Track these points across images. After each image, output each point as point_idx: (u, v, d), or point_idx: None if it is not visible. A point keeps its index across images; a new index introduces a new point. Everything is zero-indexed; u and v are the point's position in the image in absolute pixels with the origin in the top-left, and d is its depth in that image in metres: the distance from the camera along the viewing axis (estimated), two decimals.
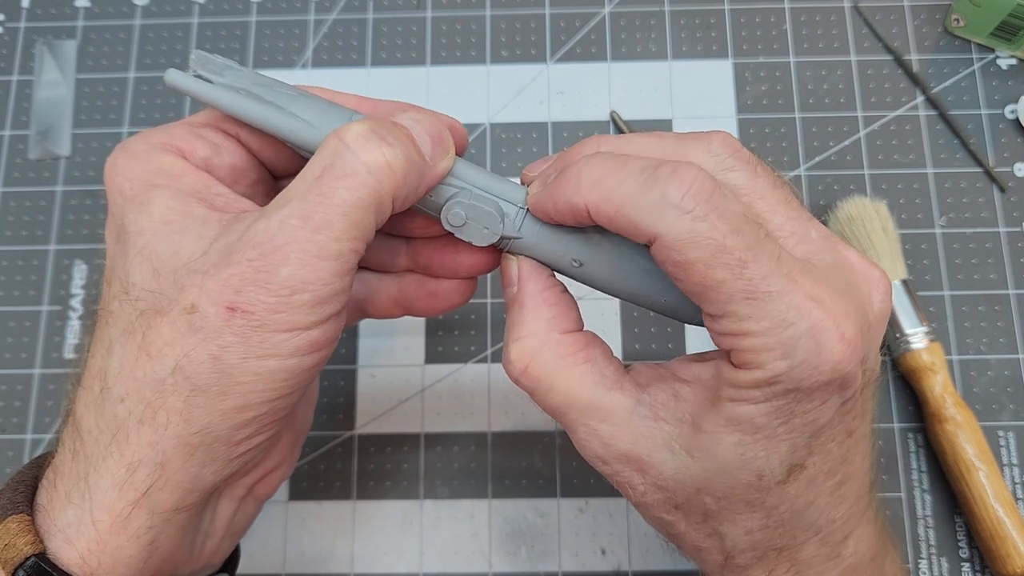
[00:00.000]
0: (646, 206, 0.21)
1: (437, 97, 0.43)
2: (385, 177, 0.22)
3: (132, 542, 0.22)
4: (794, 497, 0.23)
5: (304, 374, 0.23)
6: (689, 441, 0.23)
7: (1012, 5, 0.39)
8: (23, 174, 0.42)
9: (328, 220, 0.21)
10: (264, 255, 0.21)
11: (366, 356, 0.40)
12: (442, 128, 0.25)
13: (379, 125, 0.23)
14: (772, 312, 0.21)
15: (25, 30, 0.44)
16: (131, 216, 0.24)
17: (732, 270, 0.21)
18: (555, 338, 0.24)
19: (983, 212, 0.40)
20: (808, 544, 0.24)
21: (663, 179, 0.21)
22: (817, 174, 0.41)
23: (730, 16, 0.44)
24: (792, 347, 0.21)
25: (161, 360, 0.22)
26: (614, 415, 0.24)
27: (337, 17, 0.44)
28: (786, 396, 0.21)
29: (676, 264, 0.21)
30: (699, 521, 0.24)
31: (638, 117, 0.42)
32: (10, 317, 0.40)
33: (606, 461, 0.24)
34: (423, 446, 0.38)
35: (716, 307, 0.21)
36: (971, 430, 0.35)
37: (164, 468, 0.22)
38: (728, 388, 0.22)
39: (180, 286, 0.22)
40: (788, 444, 0.22)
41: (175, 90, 0.25)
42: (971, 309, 0.39)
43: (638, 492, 0.24)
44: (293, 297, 0.21)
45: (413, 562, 0.37)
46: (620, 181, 0.22)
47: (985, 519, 0.34)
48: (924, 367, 0.36)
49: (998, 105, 0.41)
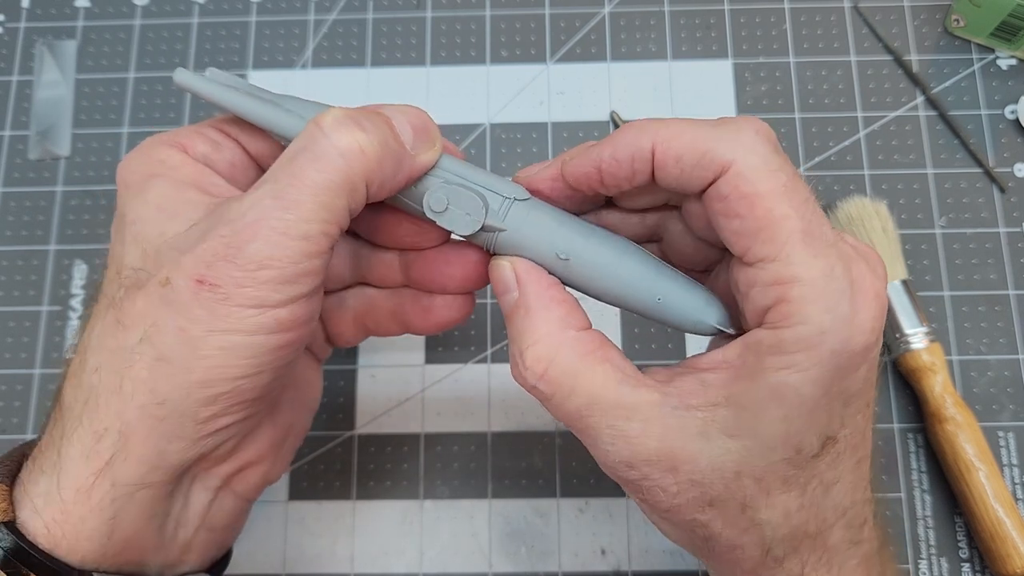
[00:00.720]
0: (721, 138, 0.22)
1: (437, 97, 0.43)
2: (357, 161, 0.22)
3: (94, 514, 0.23)
4: (823, 472, 0.23)
5: (271, 354, 0.23)
6: (728, 423, 0.22)
7: (1012, 5, 0.39)
8: (23, 174, 0.42)
9: (298, 200, 0.22)
10: (236, 232, 0.22)
11: (366, 356, 0.40)
12: (427, 121, 0.25)
13: (357, 112, 0.23)
14: (824, 259, 0.21)
15: (25, 30, 0.44)
16: (130, 205, 0.25)
17: (797, 208, 0.21)
18: (572, 336, 0.24)
19: (983, 212, 0.40)
20: (836, 528, 0.23)
21: (733, 121, 0.22)
22: (817, 174, 0.41)
23: (730, 16, 0.44)
24: (836, 300, 0.21)
25: (131, 330, 0.23)
26: (641, 411, 0.23)
27: (337, 17, 0.44)
28: (830, 360, 0.21)
29: (742, 195, 0.21)
30: (736, 513, 0.23)
31: (638, 117, 0.42)
32: (10, 317, 0.40)
33: (632, 465, 0.23)
34: (423, 446, 0.38)
35: (772, 247, 0.21)
36: (971, 430, 0.35)
37: (128, 438, 0.22)
38: (771, 357, 0.21)
39: (160, 262, 0.23)
40: (826, 414, 0.22)
41: (182, 88, 0.26)
42: (971, 309, 0.39)
43: (670, 493, 0.23)
44: (259, 272, 0.22)
45: (413, 562, 0.37)
46: (690, 123, 0.23)
47: (985, 519, 0.34)
48: (924, 367, 0.36)
49: (998, 105, 0.41)
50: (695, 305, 0.24)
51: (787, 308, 0.21)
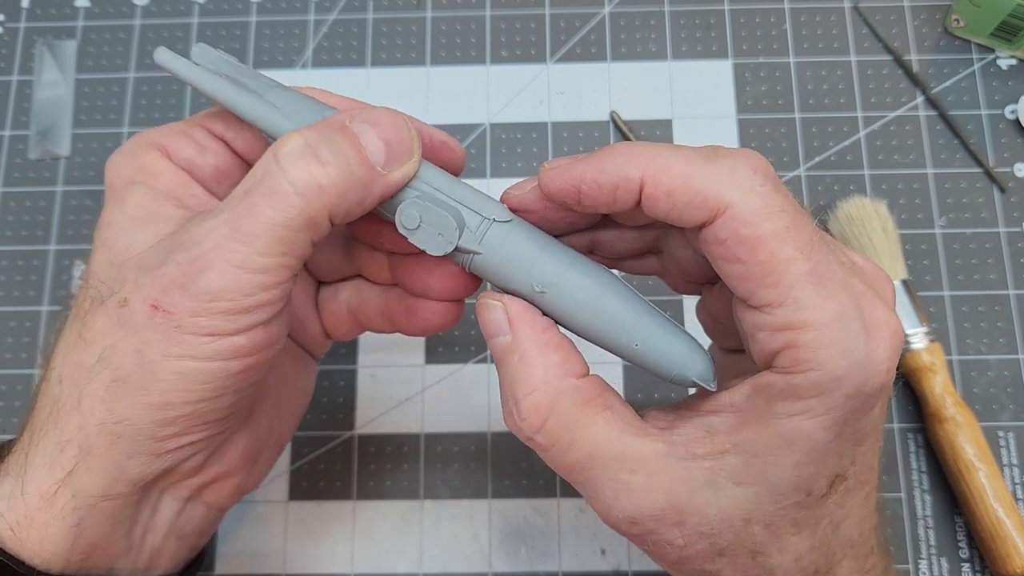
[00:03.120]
0: (715, 176, 0.20)
1: (437, 97, 0.43)
2: (314, 198, 0.21)
3: (58, 521, 0.23)
4: (833, 511, 0.22)
5: (230, 379, 0.23)
6: (737, 470, 0.21)
7: (1012, 5, 0.39)
8: (23, 174, 0.42)
9: (254, 233, 0.21)
10: (191, 259, 0.21)
11: (366, 356, 0.40)
12: (403, 132, 0.23)
13: (318, 138, 0.22)
14: (835, 300, 0.20)
15: (25, 30, 0.44)
16: (108, 208, 0.25)
17: (802, 249, 0.20)
18: (571, 385, 0.22)
19: (983, 212, 0.40)
20: (844, 562, 0.23)
21: (729, 155, 0.21)
22: (817, 174, 0.41)
23: (730, 16, 0.44)
24: (851, 344, 0.20)
25: (92, 347, 0.23)
26: (646, 464, 0.21)
27: (337, 17, 0.44)
28: (844, 404, 0.20)
29: (742, 240, 0.20)
30: (747, 561, 0.22)
31: (638, 117, 0.42)
32: (10, 317, 0.40)
33: (637, 521, 0.22)
34: (423, 446, 0.38)
35: (778, 292, 0.20)
36: (971, 430, 0.35)
37: (88, 453, 0.23)
38: (783, 402, 0.20)
39: (121, 279, 0.23)
40: (837, 456, 0.21)
41: (163, 68, 0.25)
42: (971, 309, 0.39)
43: (677, 547, 0.22)
44: (212, 304, 0.21)
45: (413, 562, 0.37)
46: (682, 155, 0.21)
47: (985, 519, 0.34)
48: (924, 367, 0.36)
49: (998, 105, 0.41)
50: (676, 354, 0.23)
51: (799, 354, 0.20)
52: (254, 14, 0.45)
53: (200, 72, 0.25)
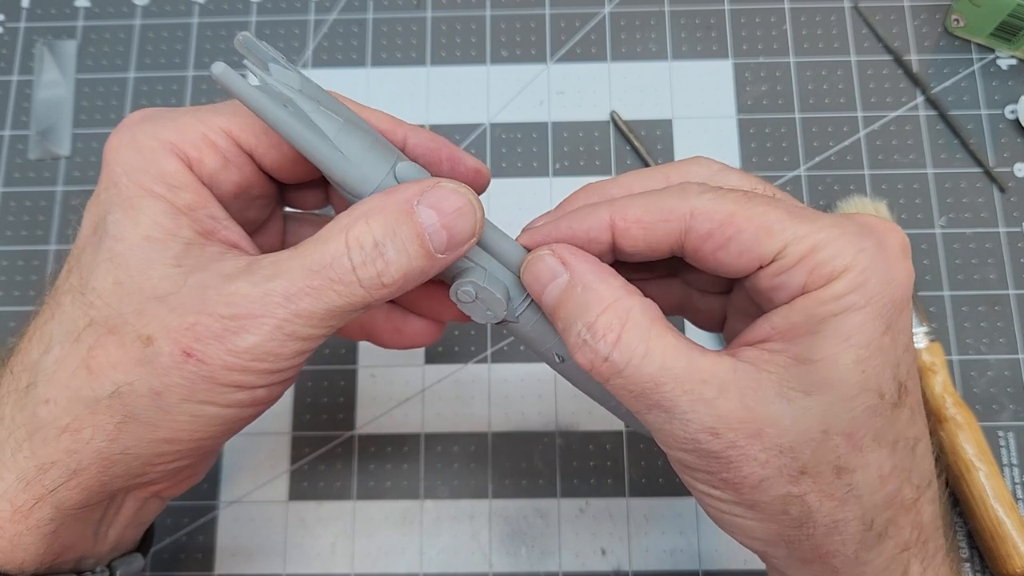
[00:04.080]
0: (674, 209, 0.23)
1: (437, 97, 0.43)
2: (375, 290, 0.22)
3: (32, 531, 0.23)
4: (905, 428, 0.22)
5: (239, 423, 0.24)
6: (803, 380, 0.22)
7: (1012, 5, 0.39)
8: (23, 174, 0.42)
9: (311, 311, 0.22)
10: (236, 317, 0.21)
11: (366, 356, 0.40)
12: (467, 220, 0.23)
13: (384, 233, 0.22)
14: (820, 219, 0.22)
15: (25, 30, 0.44)
16: (117, 216, 0.23)
17: (769, 202, 0.22)
18: (639, 300, 0.23)
19: (983, 212, 0.40)
20: (923, 500, 0.23)
21: (680, 188, 0.24)
22: (817, 174, 0.41)
23: (730, 16, 0.44)
24: (859, 241, 0.22)
25: (101, 379, 0.22)
26: (717, 375, 0.22)
27: (337, 17, 0.44)
28: (880, 293, 0.21)
29: (719, 227, 0.22)
30: (832, 479, 0.22)
31: (638, 117, 0.42)
32: (10, 317, 0.40)
33: (718, 432, 0.21)
34: (423, 446, 0.38)
35: (773, 242, 0.22)
36: (971, 430, 0.35)
37: (77, 475, 0.23)
38: (825, 307, 0.21)
39: (140, 311, 0.22)
40: (893, 353, 0.22)
41: (221, 86, 0.22)
42: (971, 309, 0.39)
43: (759, 462, 0.21)
44: (252, 363, 0.22)
45: (413, 562, 0.37)
46: (642, 200, 0.24)
47: (985, 519, 0.34)
48: (924, 367, 0.36)
49: (998, 105, 0.41)
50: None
51: (822, 269, 0.21)
52: (254, 14, 0.45)
53: (260, 98, 0.22)
